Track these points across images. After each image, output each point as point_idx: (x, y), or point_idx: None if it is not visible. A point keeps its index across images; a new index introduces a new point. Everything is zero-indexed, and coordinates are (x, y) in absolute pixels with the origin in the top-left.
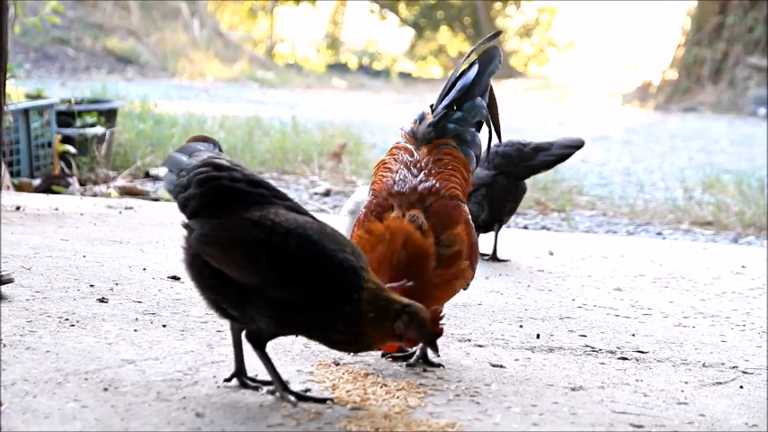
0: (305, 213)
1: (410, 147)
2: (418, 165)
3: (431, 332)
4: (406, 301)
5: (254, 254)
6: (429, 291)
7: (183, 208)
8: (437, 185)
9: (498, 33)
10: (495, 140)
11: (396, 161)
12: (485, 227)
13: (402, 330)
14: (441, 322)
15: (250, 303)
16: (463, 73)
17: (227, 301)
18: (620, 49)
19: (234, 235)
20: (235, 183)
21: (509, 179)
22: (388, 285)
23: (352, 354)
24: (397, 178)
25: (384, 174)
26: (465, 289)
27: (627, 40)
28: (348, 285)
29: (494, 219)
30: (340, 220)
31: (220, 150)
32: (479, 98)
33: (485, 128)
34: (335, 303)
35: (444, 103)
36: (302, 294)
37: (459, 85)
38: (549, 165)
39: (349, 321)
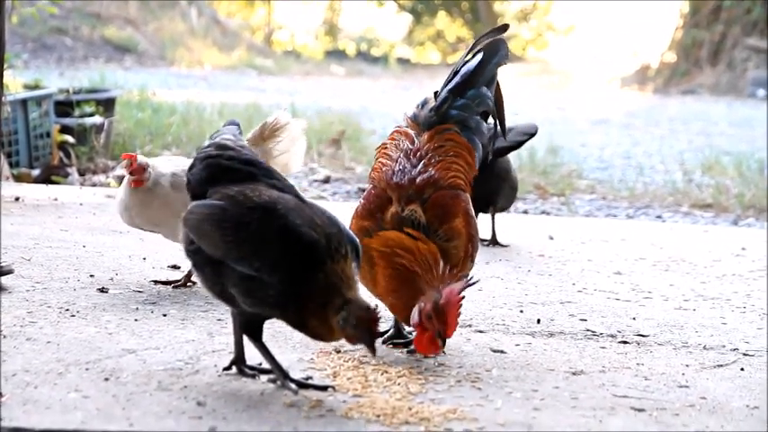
0: (289, 191)
1: (411, 132)
2: (418, 153)
3: (367, 333)
4: (351, 296)
5: (222, 227)
6: None
7: (187, 187)
8: (436, 176)
9: (506, 27)
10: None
11: (396, 148)
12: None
13: (340, 327)
14: (377, 324)
15: (225, 279)
16: (468, 61)
17: (211, 278)
18: (618, 32)
19: (208, 210)
20: (229, 161)
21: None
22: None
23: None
24: (396, 168)
25: (384, 161)
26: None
27: (625, 24)
28: (307, 263)
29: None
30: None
31: (240, 130)
32: (485, 88)
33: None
34: (293, 282)
35: (447, 88)
36: (262, 268)
37: (462, 71)
38: (503, 152)
39: (302, 304)
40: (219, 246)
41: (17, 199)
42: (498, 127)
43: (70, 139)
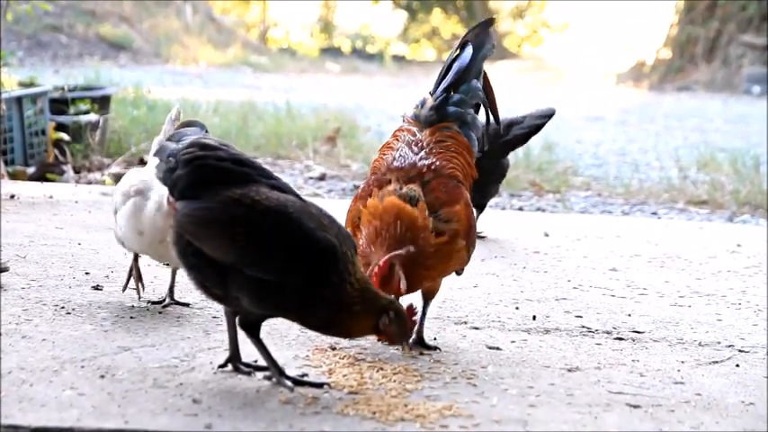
0: (290, 192)
1: (413, 129)
2: (419, 143)
3: (408, 332)
4: (390, 298)
5: (232, 232)
6: (423, 260)
7: (172, 190)
8: (437, 163)
9: (492, 20)
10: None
11: (398, 141)
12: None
13: (386, 326)
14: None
15: (230, 283)
16: (458, 56)
17: (210, 280)
18: (613, 29)
19: (213, 214)
20: (220, 162)
21: (490, 160)
22: (392, 254)
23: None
24: (396, 155)
25: (385, 153)
26: (459, 274)
27: (620, 20)
28: (326, 266)
29: (477, 204)
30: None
31: (206, 132)
32: (474, 80)
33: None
34: (313, 285)
35: (443, 85)
36: (278, 273)
37: (455, 67)
38: (523, 138)
39: (327, 306)
40: (229, 251)
41: (12, 197)
42: (491, 116)
43: (65, 136)
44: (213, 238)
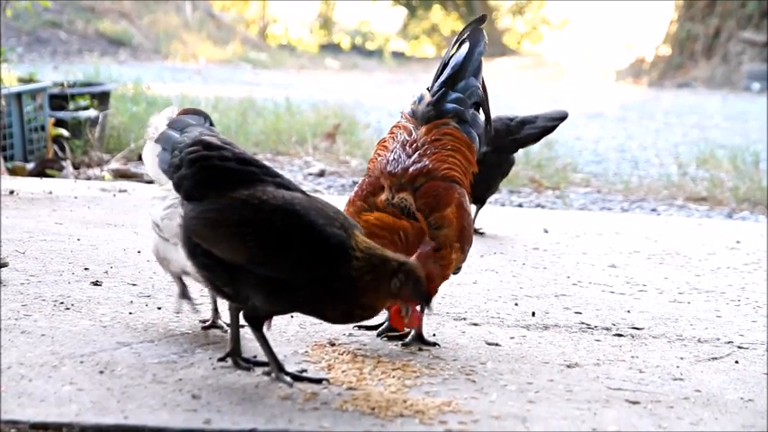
0: (296, 190)
1: (410, 126)
2: (414, 144)
3: (425, 291)
4: (401, 258)
5: (242, 233)
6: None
7: (177, 189)
8: (429, 166)
9: (484, 18)
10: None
11: (394, 140)
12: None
13: (398, 289)
14: (432, 281)
15: (242, 282)
16: (455, 53)
17: (220, 279)
18: (613, 25)
19: (222, 216)
20: (225, 162)
21: (499, 155)
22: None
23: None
24: (390, 158)
25: (380, 152)
26: (455, 273)
27: (620, 17)
28: (336, 260)
29: (480, 197)
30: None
31: (211, 124)
32: (473, 78)
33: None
34: (325, 280)
35: (440, 80)
36: (290, 271)
37: (452, 63)
38: (534, 138)
39: (340, 298)
40: (240, 251)
41: (12, 192)
42: (484, 118)
43: (65, 132)
44: (223, 240)
